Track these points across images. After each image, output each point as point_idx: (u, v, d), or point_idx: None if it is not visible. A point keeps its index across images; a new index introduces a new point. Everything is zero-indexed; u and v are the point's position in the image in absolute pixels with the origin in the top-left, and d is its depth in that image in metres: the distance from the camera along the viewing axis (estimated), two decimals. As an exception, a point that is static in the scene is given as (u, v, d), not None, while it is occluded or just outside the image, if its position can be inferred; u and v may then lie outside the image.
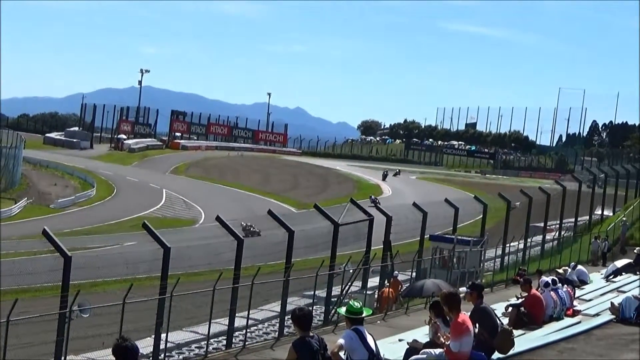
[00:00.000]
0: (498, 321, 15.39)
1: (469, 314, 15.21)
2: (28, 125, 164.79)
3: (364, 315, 11.95)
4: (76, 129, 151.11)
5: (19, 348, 20.79)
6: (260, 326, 30.68)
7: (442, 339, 14.02)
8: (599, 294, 28.30)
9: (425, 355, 13.69)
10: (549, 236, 47.74)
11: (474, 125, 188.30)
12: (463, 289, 16.75)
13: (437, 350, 13.72)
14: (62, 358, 19.60)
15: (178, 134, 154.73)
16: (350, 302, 12.19)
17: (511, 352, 15.16)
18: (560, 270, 28.82)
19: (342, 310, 12.11)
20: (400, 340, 18.53)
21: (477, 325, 14.85)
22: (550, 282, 22.15)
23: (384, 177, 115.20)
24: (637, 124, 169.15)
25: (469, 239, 40.24)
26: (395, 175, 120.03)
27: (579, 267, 32.70)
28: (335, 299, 30.70)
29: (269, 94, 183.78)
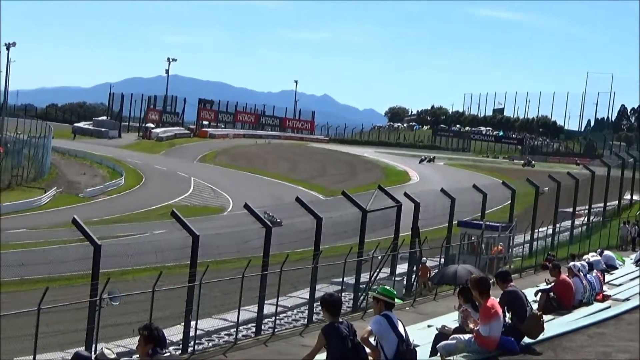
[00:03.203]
0: (528, 306, 15.32)
1: (498, 298, 15.21)
2: (57, 115, 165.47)
3: (395, 301, 12.00)
4: (104, 118, 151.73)
5: (51, 336, 20.96)
6: (289, 313, 30.78)
7: (471, 325, 14.01)
8: (628, 279, 28.13)
9: (454, 341, 13.67)
10: (577, 221, 47.50)
11: (501, 110, 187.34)
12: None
13: (467, 336, 13.70)
14: (93, 345, 19.73)
15: (206, 122, 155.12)
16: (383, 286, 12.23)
17: (541, 336, 15.11)
18: (588, 256, 28.66)
19: (376, 291, 12.15)
20: (429, 326, 18.51)
21: (506, 309, 14.83)
22: (581, 267, 22.07)
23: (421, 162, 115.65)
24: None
25: (498, 224, 40.11)
26: (429, 161, 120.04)
27: (606, 252, 32.51)
28: (364, 286, 30.73)
29: (296, 82, 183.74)
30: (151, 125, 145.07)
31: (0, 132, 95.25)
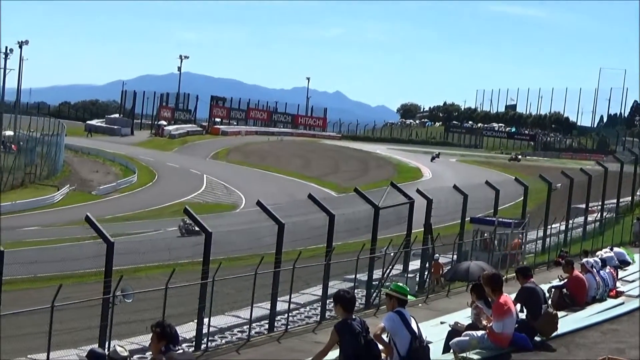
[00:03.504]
0: (545, 303, 15.29)
1: (515, 294, 15.21)
2: (69, 113, 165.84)
3: (408, 297, 11.98)
4: (117, 116, 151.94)
5: (64, 333, 20.98)
6: (302, 310, 30.77)
7: (484, 322, 13.99)
8: (642, 275, 28.05)
9: (467, 338, 13.66)
10: (590, 218, 47.34)
11: (514, 107, 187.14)
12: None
13: (480, 333, 13.69)
14: (107, 343, 19.77)
15: (218, 120, 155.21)
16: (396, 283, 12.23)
17: (554, 334, 15.09)
18: (601, 253, 28.59)
19: (389, 287, 12.14)
20: (442, 322, 18.52)
21: (521, 306, 14.83)
22: (594, 263, 22.03)
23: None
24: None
25: (510, 221, 40.03)
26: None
27: (616, 249, 32.41)
28: (377, 282, 30.72)
29: (308, 79, 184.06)
30: (164, 122, 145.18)
31: (13, 130, 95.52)
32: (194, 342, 22.91)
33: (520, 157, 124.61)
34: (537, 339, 14.65)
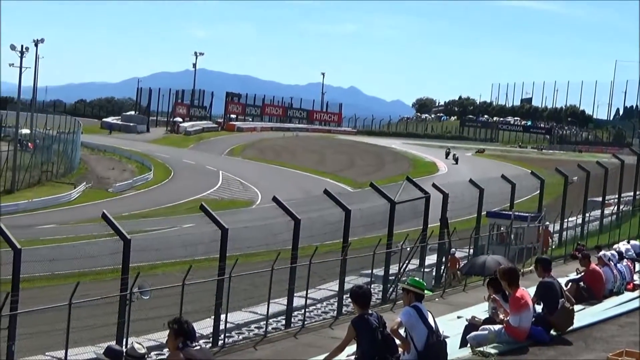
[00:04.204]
0: (562, 298, 15.23)
1: (535, 287, 15.18)
2: (85, 111, 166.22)
3: (425, 292, 11.98)
4: (132, 113, 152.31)
5: (82, 330, 21.07)
6: (318, 305, 30.80)
7: (501, 316, 13.98)
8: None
9: (485, 332, 13.65)
10: (607, 211, 47.22)
11: (529, 100, 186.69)
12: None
13: (497, 327, 13.67)
14: (124, 339, 19.84)
15: (233, 116, 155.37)
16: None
17: (570, 327, 15.06)
18: (619, 245, 28.50)
19: (406, 282, 12.14)
20: (459, 317, 18.48)
21: (538, 300, 14.80)
22: (611, 256, 21.95)
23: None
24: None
25: (527, 214, 39.97)
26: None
27: (633, 241, 32.31)
28: (393, 277, 30.72)
29: (323, 74, 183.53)
30: (179, 119, 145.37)
31: (30, 128, 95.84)
32: (211, 339, 22.98)
33: (454, 153, 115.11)
34: (553, 332, 14.62)
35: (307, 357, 16.83)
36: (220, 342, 22.73)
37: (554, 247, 40.04)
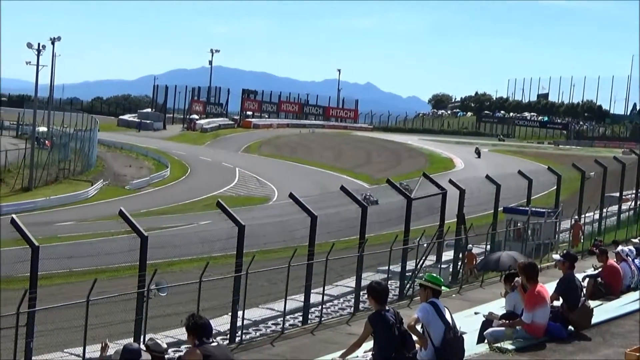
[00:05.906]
0: (582, 296, 15.19)
1: (557, 282, 15.14)
2: (102, 108, 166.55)
3: (442, 288, 11.97)
4: (149, 110, 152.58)
5: (100, 327, 21.15)
6: (335, 302, 30.82)
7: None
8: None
9: (502, 328, 13.64)
10: (625, 206, 47.09)
11: (545, 95, 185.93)
12: (556, 257, 16.48)
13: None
14: (142, 336, 19.89)
15: (249, 113, 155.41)
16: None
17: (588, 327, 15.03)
18: (636, 240, 28.43)
19: (423, 278, 12.13)
20: (476, 313, 18.46)
21: (558, 295, 14.78)
22: (628, 251, 21.87)
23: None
24: None
25: (544, 210, 39.91)
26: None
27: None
28: (410, 273, 30.71)
29: (339, 70, 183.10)
30: (195, 116, 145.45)
31: (47, 126, 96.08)
32: (228, 335, 23.01)
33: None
34: (570, 328, 14.59)
35: (324, 354, 16.81)
36: (237, 339, 22.75)
37: (583, 241, 39.75)
